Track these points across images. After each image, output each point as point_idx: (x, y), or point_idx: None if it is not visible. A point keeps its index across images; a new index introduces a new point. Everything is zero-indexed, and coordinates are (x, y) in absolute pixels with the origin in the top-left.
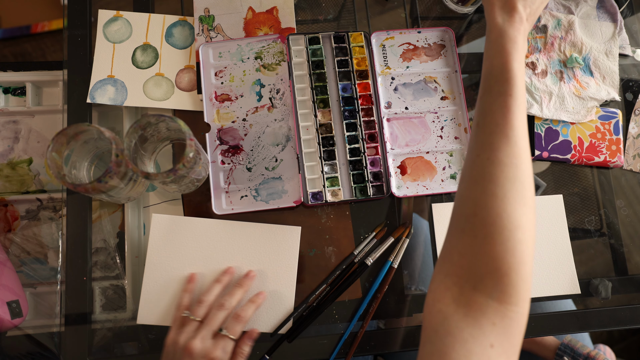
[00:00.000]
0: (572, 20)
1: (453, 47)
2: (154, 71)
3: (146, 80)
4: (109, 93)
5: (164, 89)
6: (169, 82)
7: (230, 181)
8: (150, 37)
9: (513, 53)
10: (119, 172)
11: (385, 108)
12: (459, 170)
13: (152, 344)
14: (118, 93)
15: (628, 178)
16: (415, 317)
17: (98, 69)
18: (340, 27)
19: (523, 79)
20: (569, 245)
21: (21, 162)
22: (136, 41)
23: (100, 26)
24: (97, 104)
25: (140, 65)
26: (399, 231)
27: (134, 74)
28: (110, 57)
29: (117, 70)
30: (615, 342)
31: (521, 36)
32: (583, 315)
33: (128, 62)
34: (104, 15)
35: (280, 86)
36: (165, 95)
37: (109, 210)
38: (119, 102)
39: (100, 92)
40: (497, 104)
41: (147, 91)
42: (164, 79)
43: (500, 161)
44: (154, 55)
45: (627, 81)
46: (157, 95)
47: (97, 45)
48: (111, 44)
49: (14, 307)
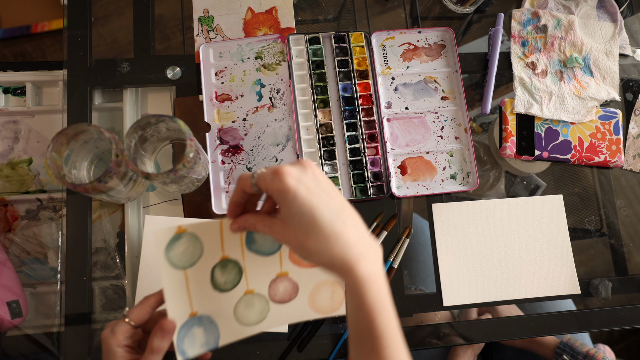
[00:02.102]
0: (572, 20)
1: (453, 47)
2: (242, 290)
3: (235, 304)
4: (199, 337)
5: (258, 308)
6: (261, 299)
7: (230, 181)
8: (228, 249)
9: (374, 305)
10: (119, 172)
11: (385, 108)
12: (459, 170)
13: None
14: (208, 333)
15: (628, 178)
16: (415, 317)
17: (175, 311)
18: (340, 27)
19: (393, 324)
20: (569, 245)
21: (21, 162)
22: (211, 258)
23: (160, 252)
24: (98, 105)
25: (224, 288)
26: (391, 223)
27: (219, 300)
28: (184, 289)
29: (198, 303)
30: (615, 342)
31: (372, 273)
32: (583, 315)
33: (208, 288)
34: (162, 236)
35: (280, 86)
36: (261, 315)
37: (109, 210)
38: (212, 345)
39: (189, 341)
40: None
41: (240, 317)
42: (255, 297)
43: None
44: (237, 271)
45: (627, 81)
46: (251, 319)
47: (165, 279)
48: (181, 271)
49: (14, 307)
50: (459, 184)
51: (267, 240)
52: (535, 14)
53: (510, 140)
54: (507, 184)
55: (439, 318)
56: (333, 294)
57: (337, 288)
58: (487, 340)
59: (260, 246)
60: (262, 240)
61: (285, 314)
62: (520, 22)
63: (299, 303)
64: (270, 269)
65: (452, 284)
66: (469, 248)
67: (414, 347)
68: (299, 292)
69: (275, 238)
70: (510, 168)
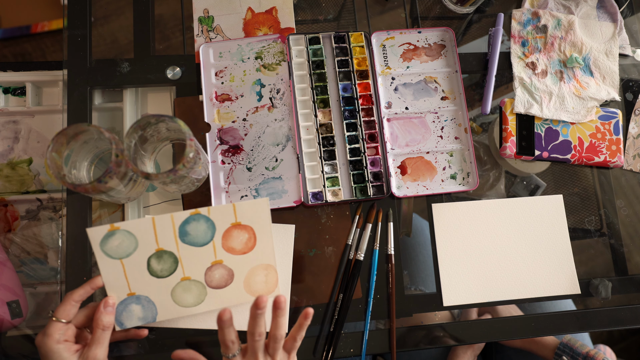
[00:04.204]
0: (572, 20)
1: (453, 47)
2: (178, 277)
3: (172, 287)
4: (136, 313)
5: (195, 292)
6: (198, 284)
7: (230, 181)
8: (162, 241)
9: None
10: (119, 172)
11: (385, 108)
12: (459, 170)
13: (152, 344)
14: (146, 310)
15: (628, 178)
16: (416, 317)
17: (113, 291)
18: (340, 27)
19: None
20: (569, 245)
21: (21, 162)
22: (146, 250)
23: (95, 246)
24: (98, 105)
25: (160, 275)
26: (372, 214)
27: (156, 284)
28: (121, 274)
29: (135, 285)
30: (615, 342)
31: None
32: (583, 315)
33: (145, 275)
34: (95, 233)
35: (280, 86)
36: (199, 299)
37: (109, 210)
38: (150, 320)
39: (127, 315)
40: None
41: (178, 299)
42: (192, 282)
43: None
44: (173, 260)
45: (627, 81)
46: (189, 301)
47: (102, 266)
48: (117, 260)
49: (14, 307)
50: (459, 184)
51: (199, 233)
52: (535, 14)
53: (510, 140)
54: (507, 184)
55: (439, 318)
56: (267, 277)
57: (271, 271)
58: (487, 340)
59: (193, 238)
60: (194, 232)
61: (223, 298)
62: (520, 22)
63: (235, 287)
64: (204, 258)
65: (452, 284)
66: (469, 248)
67: (413, 347)
68: (234, 277)
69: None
70: (510, 168)
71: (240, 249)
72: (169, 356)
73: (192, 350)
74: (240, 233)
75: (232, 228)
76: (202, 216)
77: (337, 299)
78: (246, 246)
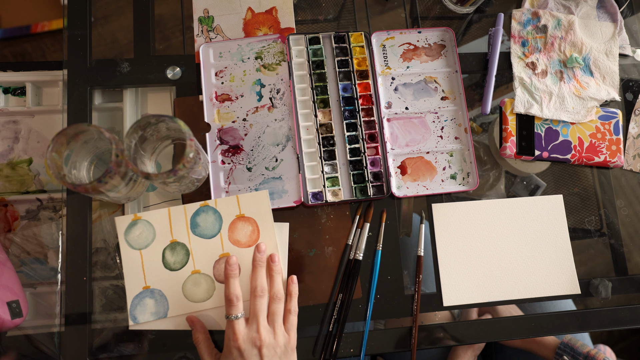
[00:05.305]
0: (572, 20)
1: (453, 47)
2: (189, 270)
3: (184, 282)
4: (149, 307)
5: (204, 286)
6: (207, 278)
7: (230, 181)
8: (176, 233)
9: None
10: (119, 172)
11: (385, 108)
12: (459, 170)
13: (152, 344)
14: (158, 304)
15: (628, 178)
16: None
17: (131, 283)
18: (340, 27)
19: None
20: (569, 245)
21: (21, 162)
22: (162, 241)
23: (121, 235)
24: (98, 105)
25: (173, 267)
26: (370, 213)
27: (169, 278)
28: (139, 266)
29: (151, 278)
30: (615, 342)
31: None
32: (583, 315)
33: (160, 267)
34: (122, 222)
35: (280, 86)
36: (207, 294)
37: (109, 210)
38: (162, 315)
39: (140, 309)
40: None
41: (188, 294)
42: (201, 276)
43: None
44: (185, 252)
45: (627, 81)
46: (198, 296)
47: (124, 257)
48: (137, 251)
49: (14, 307)
50: (459, 184)
51: (208, 224)
52: (535, 14)
53: (510, 140)
54: (507, 184)
55: (439, 318)
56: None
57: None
58: (487, 340)
59: (203, 230)
60: (204, 224)
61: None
62: (520, 22)
63: (241, 281)
64: (213, 251)
65: (452, 284)
66: (469, 248)
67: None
68: (240, 271)
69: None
70: (510, 168)
71: (245, 241)
72: (169, 356)
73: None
74: (245, 225)
75: (237, 220)
76: (210, 207)
77: (337, 299)
78: (250, 239)
